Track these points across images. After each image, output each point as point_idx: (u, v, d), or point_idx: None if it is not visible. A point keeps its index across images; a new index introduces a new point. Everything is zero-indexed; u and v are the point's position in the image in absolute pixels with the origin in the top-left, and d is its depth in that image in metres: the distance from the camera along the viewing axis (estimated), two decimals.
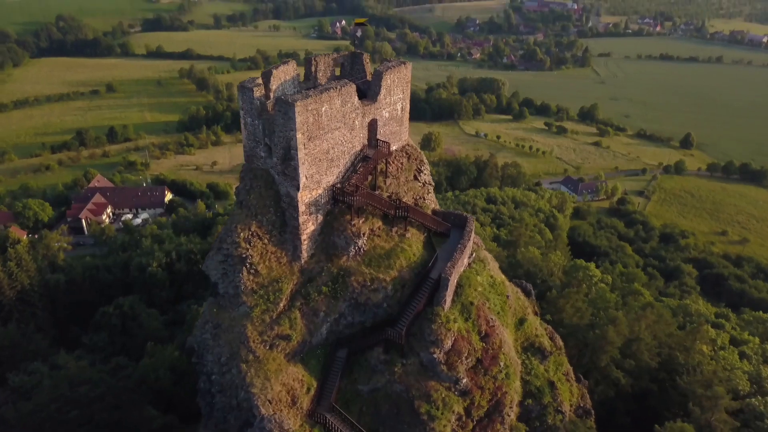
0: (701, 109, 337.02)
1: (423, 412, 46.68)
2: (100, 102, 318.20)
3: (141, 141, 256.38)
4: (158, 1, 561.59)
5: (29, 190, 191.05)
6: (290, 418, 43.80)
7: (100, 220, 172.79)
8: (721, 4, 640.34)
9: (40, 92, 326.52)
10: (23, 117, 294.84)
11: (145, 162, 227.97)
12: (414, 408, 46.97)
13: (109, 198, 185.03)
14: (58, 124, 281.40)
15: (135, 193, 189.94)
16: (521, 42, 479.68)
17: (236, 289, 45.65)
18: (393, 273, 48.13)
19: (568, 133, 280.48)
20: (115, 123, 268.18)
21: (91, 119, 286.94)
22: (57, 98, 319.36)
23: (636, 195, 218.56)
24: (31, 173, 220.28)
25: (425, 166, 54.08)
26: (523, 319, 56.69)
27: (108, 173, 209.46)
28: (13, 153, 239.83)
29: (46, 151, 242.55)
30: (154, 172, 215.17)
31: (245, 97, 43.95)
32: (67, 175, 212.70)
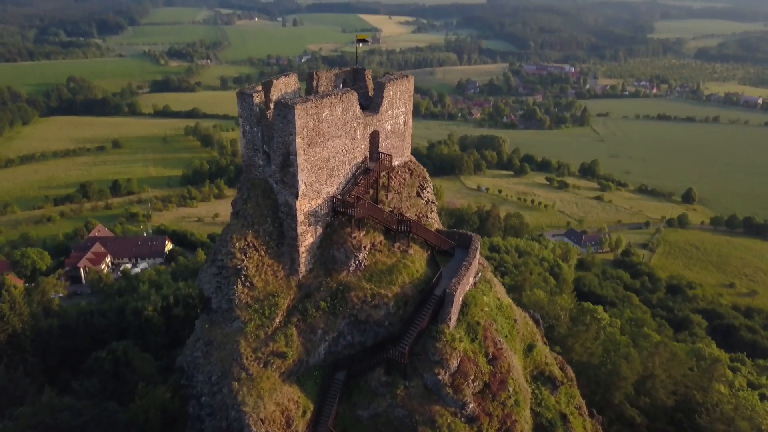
0: (701, 165, 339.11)
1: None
2: (105, 157, 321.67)
3: (144, 194, 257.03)
4: (167, 64, 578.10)
5: (29, 240, 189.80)
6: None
7: (99, 270, 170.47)
8: (714, 68, 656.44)
9: (47, 148, 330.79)
10: (29, 171, 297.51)
11: (147, 214, 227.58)
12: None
13: (108, 247, 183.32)
14: (62, 178, 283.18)
15: (135, 242, 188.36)
16: (521, 103, 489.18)
17: (230, 303, 43.45)
18: (395, 289, 45.95)
19: (570, 188, 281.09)
20: (120, 177, 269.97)
21: (95, 174, 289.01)
22: (63, 154, 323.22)
23: (640, 248, 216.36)
24: (33, 224, 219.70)
25: (428, 184, 52.83)
26: (532, 345, 53.90)
27: (110, 224, 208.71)
28: (16, 205, 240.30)
29: (49, 203, 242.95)
30: (156, 224, 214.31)
31: (244, 103, 43.21)
32: (69, 226, 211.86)
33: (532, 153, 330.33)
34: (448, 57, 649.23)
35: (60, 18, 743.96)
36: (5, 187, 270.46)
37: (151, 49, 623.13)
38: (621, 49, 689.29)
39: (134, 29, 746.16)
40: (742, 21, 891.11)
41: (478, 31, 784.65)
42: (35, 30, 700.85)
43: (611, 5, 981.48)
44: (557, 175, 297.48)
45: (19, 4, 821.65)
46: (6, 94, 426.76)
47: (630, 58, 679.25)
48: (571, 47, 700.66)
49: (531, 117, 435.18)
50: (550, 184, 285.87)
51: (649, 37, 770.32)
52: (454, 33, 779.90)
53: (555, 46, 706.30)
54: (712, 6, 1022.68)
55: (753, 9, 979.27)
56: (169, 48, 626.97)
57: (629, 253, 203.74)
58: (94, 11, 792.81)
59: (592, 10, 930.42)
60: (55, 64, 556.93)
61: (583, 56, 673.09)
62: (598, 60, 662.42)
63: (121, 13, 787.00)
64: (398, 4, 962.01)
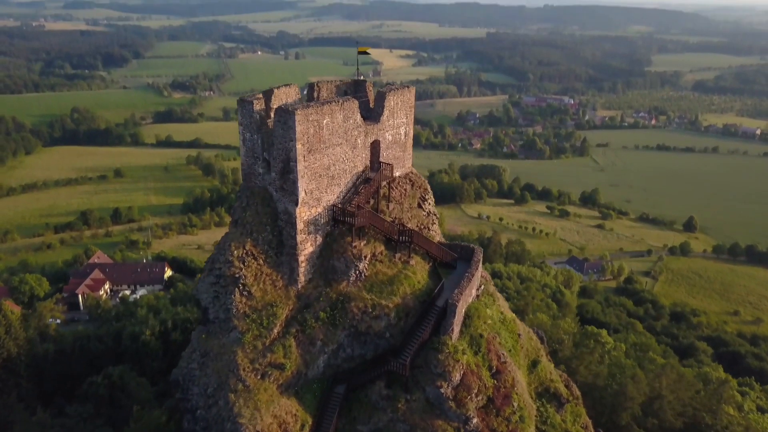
0: (701, 194, 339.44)
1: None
2: (107, 186, 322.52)
3: (145, 222, 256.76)
4: (170, 95, 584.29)
5: (28, 266, 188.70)
6: None
7: (97, 296, 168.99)
8: (712, 100, 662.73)
9: (49, 177, 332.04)
10: (30, 200, 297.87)
11: (147, 241, 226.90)
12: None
13: (107, 274, 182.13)
14: (63, 207, 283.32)
15: (134, 269, 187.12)
16: (520, 133, 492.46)
17: (227, 313, 42.51)
18: (396, 300, 45.03)
19: (571, 216, 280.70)
20: (121, 205, 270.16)
21: (96, 202, 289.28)
22: (65, 182, 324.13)
23: (642, 275, 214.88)
24: (32, 251, 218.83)
25: (430, 195, 52.35)
26: (536, 361, 52.65)
27: (110, 251, 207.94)
28: (16, 233, 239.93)
29: (49, 231, 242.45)
30: (156, 251, 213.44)
31: (245, 111, 43.04)
32: (68, 253, 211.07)
33: (532, 182, 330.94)
34: (448, 89, 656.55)
35: (66, 51, 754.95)
36: (6, 215, 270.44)
37: (155, 81, 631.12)
38: (619, 82, 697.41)
39: (139, 62, 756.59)
40: (737, 55, 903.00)
41: (477, 64, 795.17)
42: (42, 63, 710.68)
43: (608, 39, 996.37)
44: (558, 204, 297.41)
45: (26, 38, 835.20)
46: (10, 125, 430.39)
47: (628, 91, 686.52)
48: (569, 80, 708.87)
49: (531, 147, 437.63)
50: (551, 213, 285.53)
51: (647, 70, 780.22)
52: (454, 66, 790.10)
53: (554, 78, 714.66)
54: (707, 40, 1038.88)
55: (748, 44, 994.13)
56: (173, 80, 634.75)
57: (632, 280, 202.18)
58: (100, 45, 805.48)
59: (590, 44, 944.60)
60: (60, 95, 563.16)
61: (582, 88, 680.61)
62: (596, 92, 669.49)
63: (127, 47, 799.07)
64: (399, 38, 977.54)
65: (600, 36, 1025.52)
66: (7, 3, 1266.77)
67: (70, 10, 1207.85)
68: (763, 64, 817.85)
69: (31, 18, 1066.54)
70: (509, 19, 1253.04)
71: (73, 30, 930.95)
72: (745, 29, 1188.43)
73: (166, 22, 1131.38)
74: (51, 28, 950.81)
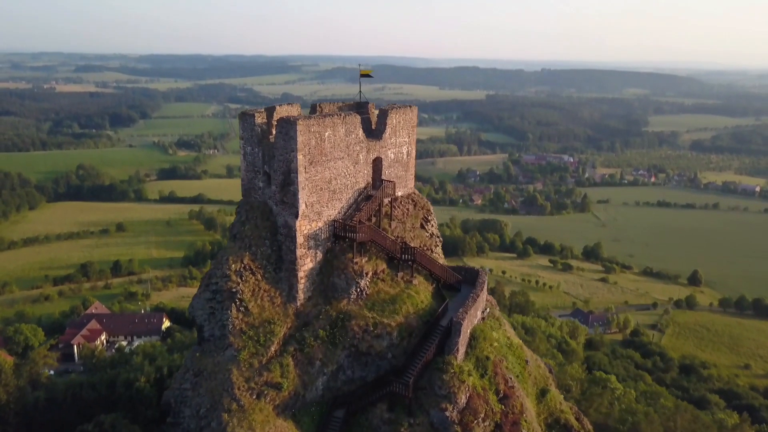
0: (704, 249, 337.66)
1: None
2: (108, 240, 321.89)
3: (145, 274, 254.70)
4: (175, 153, 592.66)
5: (24, 317, 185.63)
6: None
7: (93, 347, 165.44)
8: (710, 159, 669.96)
9: (51, 231, 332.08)
10: (31, 253, 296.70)
11: (146, 293, 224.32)
12: None
13: (104, 325, 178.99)
14: (64, 260, 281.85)
15: (132, 319, 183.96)
16: (521, 190, 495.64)
17: (223, 330, 40.92)
18: (399, 318, 43.47)
19: (574, 270, 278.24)
20: (121, 258, 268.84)
21: (97, 255, 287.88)
22: (66, 236, 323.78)
23: (649, 328, 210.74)
24: (30, 303, 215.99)
25: (432, 217, 51.55)
26: (545, 389, 50.34)
27: (108, 303, 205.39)
28: (15, 285, 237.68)
29: (48, 283, 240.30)
30: (155, 302, 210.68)
31: (246, 124, 42.88)
32: (66, 304, 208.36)
33: (534, 236, 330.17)
34: (448, 148, 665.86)
35: (75, 112, 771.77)
36: (6, 268, 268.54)
37: (160, 139, 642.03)
38: (617, 141, 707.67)
39: (146, 122, 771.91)
40: (732, 116, 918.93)
41: (477, 125, 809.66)
42: (50, 123, 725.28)
43: (605, 101, 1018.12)
44: (561, 258, 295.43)
45: (36, 99, 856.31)
46: (15, 181, 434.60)
47: (627, 150, 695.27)
48: (568, 139, 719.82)
49: (532, 203, 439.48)
50: (554, 266, 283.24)
51: (644, 130, 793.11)
52: (454, 126, 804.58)
53: (553, 138, 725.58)
54: (702, 102, 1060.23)
55: (742, 105, 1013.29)
56: (178, 138, 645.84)
57: (638, 333, 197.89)
58: (108, 106, 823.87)
59: (587, 105, 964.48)
60: (67, 153, 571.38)
61: (581, 147, 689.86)
62: (595, 151, 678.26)
63: (134, 108, 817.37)
64: (400, 100, 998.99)
65: (597, 98, 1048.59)
66: (21, 67, 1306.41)
67: (81, 74, 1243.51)
68: (758, 125, 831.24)
69: (43, 81, 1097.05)
70: (508, 82, 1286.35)
71: (83, 92, 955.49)
72: (739, 92, 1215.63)
73: (174, 84, 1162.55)
74: (61, 90, 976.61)
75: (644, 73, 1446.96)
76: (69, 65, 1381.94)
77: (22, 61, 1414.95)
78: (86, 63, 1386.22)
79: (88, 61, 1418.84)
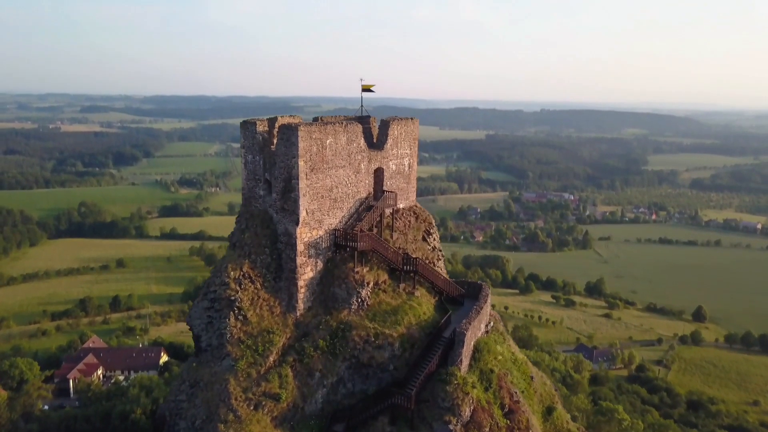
0: (707, 286, 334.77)
1: None
2: (108, 276, 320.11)
3: (144, 310, 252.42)
4: (177, 191, 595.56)
5: (20, 351, 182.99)
6: None
7: (89, 381, 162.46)
8: (710, 197, 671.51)
9: (51, 267, 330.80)
10: (29, 289, 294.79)
11: (145, 328, 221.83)
12: None
13: (101, 359, 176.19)
14: (63, 295, 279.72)
15: (129, 353, 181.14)
16: (522, 227, 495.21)
17: (221, 339, 40.00)
18: (401, 329, 42.53)
19: (577, 306, 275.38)
20: (121, 293, 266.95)
21: (97, 290, 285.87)
22: (66, 272, 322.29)
23: (654, 364, 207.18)
24: (27, 338, 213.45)
25: (435, 230, 51.10)
26: (551, 407, 48.89)
27: (106, 337, 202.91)
28: (12, 320, 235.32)
29: (45, 318, 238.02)
30: (153, 337, 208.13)
31: (247, 132, 42.91)
32: (64, 339, 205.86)
33: (536, 272, 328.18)
34: (449, 186, 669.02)
35: (79, 151, 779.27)
36: (4, 304, 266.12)
37: (162, 177, 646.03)
38: (617, 180, 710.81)
39: (149, 161, 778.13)
40: (731, 155, 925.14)
41: (477, 163, 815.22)
42: (54, 161, 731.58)
43: (605, 141, 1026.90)
44: (563, 294, 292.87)
45: (41, 138, 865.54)
46: (17, 217, 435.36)
47: (627, 188, 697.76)
48: (568, 177, 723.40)
49: (533, 240, 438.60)
50: (556, 302, 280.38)
51: (644, 168, 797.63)
52: (455, 165, 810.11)
53: (553, 176, 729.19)
54: (701, 142, 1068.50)
55: (740, 145, 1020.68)
56: (181, 177, 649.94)
57: (644, 368, 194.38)
58: (112, 145, 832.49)
59: (587, 144, 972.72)
60: (69, 191, 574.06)
61: (581, 185, 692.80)
62: (595, 189, 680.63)
63: (138, 147, 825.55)
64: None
65: (596, 138, 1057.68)
66: (27, 108, 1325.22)
67: (87, 114, 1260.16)
68: (757, 164, 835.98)
69: (49, 121, 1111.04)
70: (507, 123, 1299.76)
71: (88, 131, 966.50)
72: (737, 132, 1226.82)
73: (178, 124, 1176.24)
74: (66, 129, 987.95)
75: (642, 113, 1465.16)
76: (75, 106, 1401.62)
77: (28, 102, 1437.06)
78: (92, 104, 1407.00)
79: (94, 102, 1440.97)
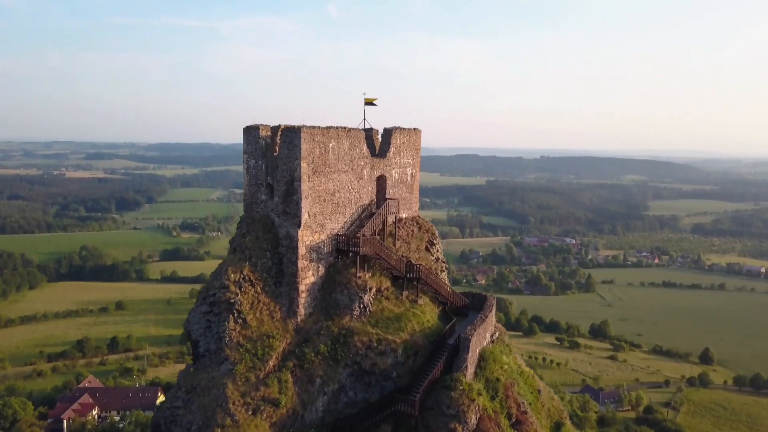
0: (713, 329, 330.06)
1: None
2: (107, 318, 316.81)
3: (142, 351, 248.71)
4: (179, 235, 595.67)
5: (14, 391, 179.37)
6: None
7: (84, 421, 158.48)
8: (712, 242, 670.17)
9: (49, 310, 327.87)
10: (27, 331, 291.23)
11: (143, 369, 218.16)
12: None
13: (97, 399, 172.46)
14: (60, 337, 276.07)
15: (126, 393, 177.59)
16: (524, 271, 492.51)
17: (219, 343, 39.03)
18: (404, 336, 41.54)
19: (582, 348, 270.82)
20: (119, 335, 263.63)
21: (95, 332, 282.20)
22: (64, 314, 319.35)
23: (662, 406, 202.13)
24: (22, 379, 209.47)
25: (438, 241, 50.65)
26: (560, 423, 47.27)
27: (103, 378, 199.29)
28: (8, 362, 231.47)
29: (42, 359, 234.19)
30: (150, 377, 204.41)
31: (250, 137, 43.04)
32: (59, 380, 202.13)
33: (539, 315, 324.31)
34: (450, 230, 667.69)
35: (82, 196, 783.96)
36: (1, 345, 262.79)
37: (164, 222, 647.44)
38: (618, 224, 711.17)
39: (151, 206, 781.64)
40: (731, 201, 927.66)
41: (478, 208, 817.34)
42: (57, 206, 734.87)
43: (605, 187, 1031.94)
44: (567, 336, 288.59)
45: (45, 184, 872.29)
46: (18, 261, 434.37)
47: (628, 233, 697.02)
48: (569, 222, 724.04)
49: (536, 283, 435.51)
50: (560, 344, 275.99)
51: (644, 213, 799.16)
52: (456, 210, 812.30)
53: (554, 221, 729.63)
54: (700, 188, 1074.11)
55: (740, 191, 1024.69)
56: (183, 221, 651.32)
57: (652, 410, 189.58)
58: (115, 190, 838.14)
59: (587, 190, 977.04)
60: (71, 235, 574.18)
61: (582, 230, 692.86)
62: (597, 233, 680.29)
63: (141, 192, 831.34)
64: None
65: (596, 183, 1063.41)
66: (32, 155, 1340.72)
67: (91, 161, 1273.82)
68: (758, 209, 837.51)
69: (53, 168, 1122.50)
70: (508, 169, 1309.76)
71: (91, 177, 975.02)
72: (736, 179, 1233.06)
73: (181, 171, 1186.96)
74: (71, 176, 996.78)
75: (641, 160, 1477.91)
76: (80, 153, 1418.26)
77: (34, 150, 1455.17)
78: (96, 151, 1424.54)
79: (99, 149, 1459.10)
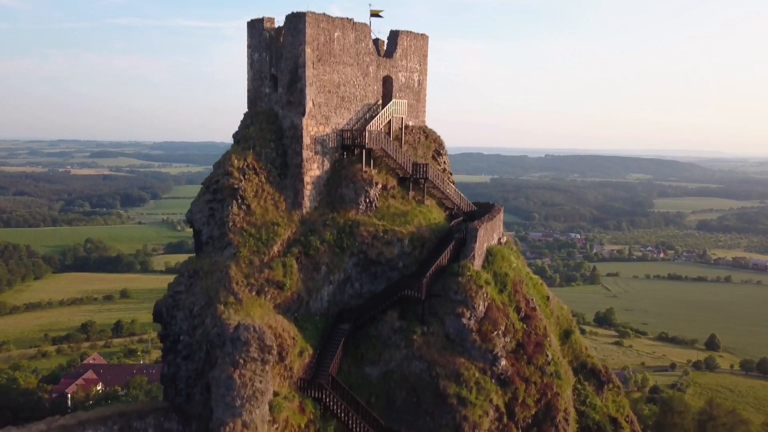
0: (720, 319, 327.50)
1: (451, 394, 35.20)
2: (111, 305, 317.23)
3: (146, 335, 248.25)
4: (184, 230, 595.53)
5: (19, 368, 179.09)
6: (275, 376, 32.98)
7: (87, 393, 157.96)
8: (718, 238, 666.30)
9: (54, 298, 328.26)
10: (32, 317, 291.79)
11: (147, 350, 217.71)
12: (439, 390, 35.58)
13: (101, 375, 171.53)
14: (65, 323, 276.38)
15: (130, 371, 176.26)
16: (530, 265, 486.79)
17: (222, 228, 38.30)
18: (410, 228, 40.83)
19: (587, 334, 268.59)
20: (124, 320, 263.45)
21: (99, 318, 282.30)
22: (69, 302, 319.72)
23: (669, 388, 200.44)
24: (27, 360, 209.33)
25: (445, 152, 49.86)
26: (569, 331, 46.40)
27: (107, 359, 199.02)
28: (12, 344, 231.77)
29: (47, 342, 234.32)
30: (154, 357, 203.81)
31: (254, 31, 42.43)
32: (64, 359, 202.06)
33: None
34: None
35: (87, 193, 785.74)
36: (5, 330, 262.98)
37: (169, 217, 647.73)
38: (623, 221, 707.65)
39: (156, 202, 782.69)
40: (736, 199, 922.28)
41: None
42: (62, 202, 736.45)
43: (610, 185, 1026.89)
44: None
45: (51, 181, 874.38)
46: (23, 252, 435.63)
47: (633, 229, 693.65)
48: (574, 219, 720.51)
49: (541, 275, 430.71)
50: None
51: (650, 210, 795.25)
52: None
53: (559, 218, 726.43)
54: (706, 186, 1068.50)
55: (745, 189, 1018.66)
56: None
57: (658, 390, 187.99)
58: (120, 187, 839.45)
59: (592, 188, 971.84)
60: (76, 229, 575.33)
61: (587, 226, 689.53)
62: (602, 230, 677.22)
63: (146, 189, 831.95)
64: None
65: (601, 182, 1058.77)
66: (38, 153, 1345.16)
67: (96, 159, 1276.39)
68: (763, 207, 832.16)
69: (58, 166, 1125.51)
70: (512, 168, 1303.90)
71: (97, 175, 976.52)
72: (741, 177, 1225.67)
73: (185, 169, 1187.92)
74: (76, 173, 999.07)
75: (646, 159, 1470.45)
76: (85, 151, 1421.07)
77: (40, 148, 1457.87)
78: (102, 149, 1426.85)
79: (104, 148, 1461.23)
